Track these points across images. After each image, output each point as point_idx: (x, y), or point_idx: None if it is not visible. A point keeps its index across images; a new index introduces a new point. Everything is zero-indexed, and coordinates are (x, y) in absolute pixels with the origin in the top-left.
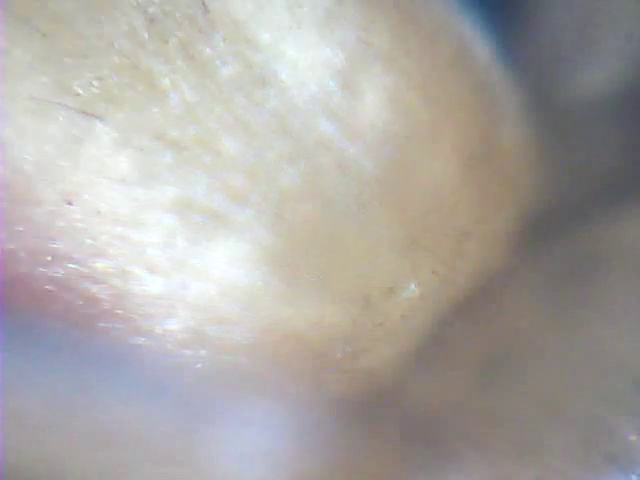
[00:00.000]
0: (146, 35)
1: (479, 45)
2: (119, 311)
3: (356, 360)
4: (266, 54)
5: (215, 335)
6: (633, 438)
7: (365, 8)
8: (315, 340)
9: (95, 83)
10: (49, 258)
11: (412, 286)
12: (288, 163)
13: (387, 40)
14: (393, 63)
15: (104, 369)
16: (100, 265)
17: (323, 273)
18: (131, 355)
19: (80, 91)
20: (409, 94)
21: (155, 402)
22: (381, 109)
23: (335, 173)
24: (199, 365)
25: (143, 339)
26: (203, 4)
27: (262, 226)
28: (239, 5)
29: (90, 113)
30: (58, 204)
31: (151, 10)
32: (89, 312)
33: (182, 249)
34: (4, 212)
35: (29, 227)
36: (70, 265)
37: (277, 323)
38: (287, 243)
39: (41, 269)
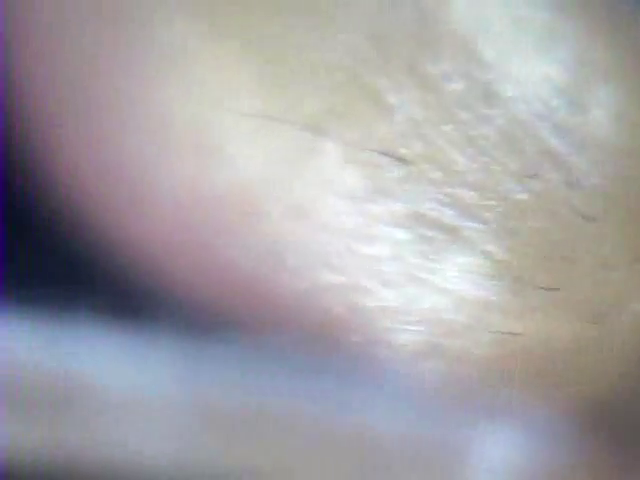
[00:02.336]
0: (371, 53)
1: None
2: (354, 324)
3: (583, 377)
4: (491, 71)
5: (448, 347)
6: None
7: (584, 27)
8: (543, 356)
9: (320, 100)
10: (279, 272)
11: None
12: (516, 178)
13: (607, 58)
14: (616, 81)
15: (341, 381)
16: (332, 279)
17: (552, 288)
18: (368, 368)
19: (306, 108)
20: (634, 110)
21: (393, 413)
22: (606, 125)
23: (563, 188)
24: (434, 376)
25: (379, 351)
26: (427, 22)
27: (492, 240)
28: (463, 23)
29: (316, 129)
30: (286, 218)
31: (375, 28)
32: (323, 325)
33: (413, 263)
34: (232, 226)
35: (257, 241)
36: (301, 278)
37: (507, 337)
38: (517, 257)
39: (270, 283)
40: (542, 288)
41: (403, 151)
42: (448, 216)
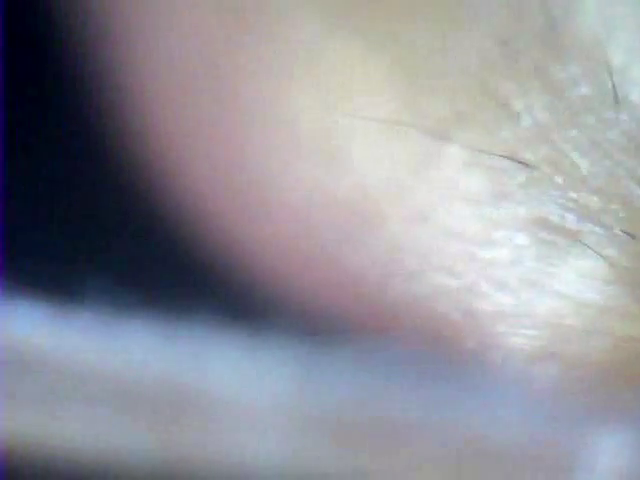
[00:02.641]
0: (497, 57)
1: None
2: (469, 328)
3: None
4: (618, 76)
5: (565, 352)
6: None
7: None
8: None
9: (445, 104)
10: (398, 276)
11: None
12: None
13: None
14: None
15: (457, 385)
16: (450, 282)
17: None
18: (484, 372)
19: (430, 112)
20: None
21: (509, 418)
22: None
23: None
24: (550, 381)
25: (493, 355)
26: (555, 26)
27: (613, 245)
28: (591, 28)
29: (441, 134)
30: (407, 223)
31: (502, 32)
32: (438, 329)
33: (531, 267)
34: (353, 230)
35: (377, 245)
36: (419, 282)
37: (625, 341)
38: (637, 262)
39: (389, 287)
40: None
41: (528, 155)
42: (570, 220)
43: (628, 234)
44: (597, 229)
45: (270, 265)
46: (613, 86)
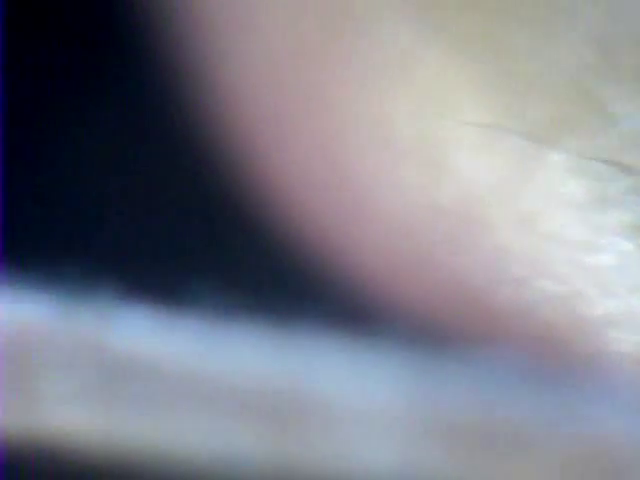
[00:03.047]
0: (597, 61)
1: None
2: (579, 334)
3: None
4: None
5: None
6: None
7: None
8: None
9: (545, 109)
10: (505, 281)
11: None
12: None
13: None
14: None
15: (567, 392)
16: (556, 289)
17: None
18: (593, 378)
19: (530, 117)
20: None
21: (620, 423)
22: None
23: None
24: None
25: (604, 362)
26: None
27: None
28: None
29: (541, 139)
30: (510, 228)
31: (601, 36)
32: (547, 335)
33: (638, 273)
34: (456, 236)
35: (481, 251)
36: (527, 288)
37: None
38: None
39: (494, 293)
40: None
41: (629, 161)
42: None
43: None
44: None
45: (376, 270)
46: None
